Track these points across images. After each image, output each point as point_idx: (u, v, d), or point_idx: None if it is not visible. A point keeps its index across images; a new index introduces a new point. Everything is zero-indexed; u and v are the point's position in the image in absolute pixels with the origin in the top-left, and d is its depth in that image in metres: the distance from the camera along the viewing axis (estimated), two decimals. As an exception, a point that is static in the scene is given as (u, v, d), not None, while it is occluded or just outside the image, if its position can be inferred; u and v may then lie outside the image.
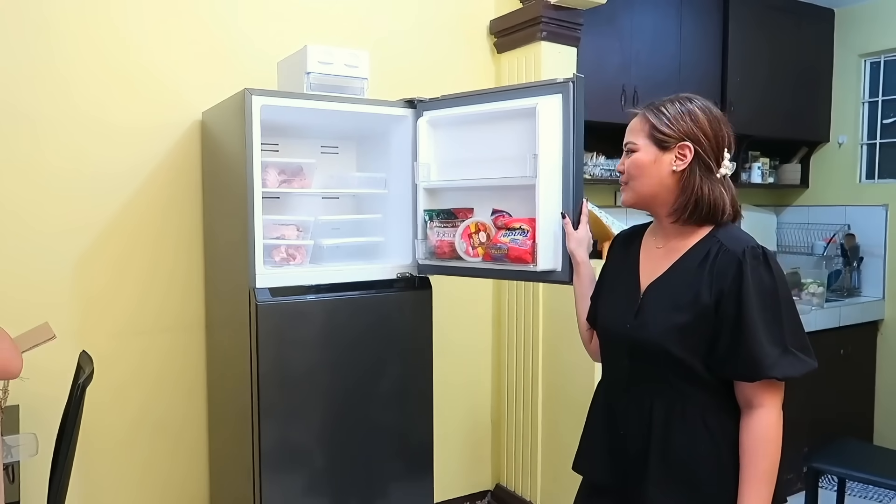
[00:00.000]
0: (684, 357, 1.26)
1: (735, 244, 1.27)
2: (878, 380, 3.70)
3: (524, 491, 2.90)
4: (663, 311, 1.30)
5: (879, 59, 3.76)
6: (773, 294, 1.22)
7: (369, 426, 2.13)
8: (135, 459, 2.36)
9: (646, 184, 1.35)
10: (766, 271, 1.23)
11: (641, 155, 1.35)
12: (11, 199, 2.14)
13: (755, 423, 1.23)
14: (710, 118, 1.32)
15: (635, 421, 1.34)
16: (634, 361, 1.35)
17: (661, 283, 1.34)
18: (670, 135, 1.31)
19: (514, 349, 2.91)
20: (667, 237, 1.38)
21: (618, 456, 1.38)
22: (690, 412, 1.27)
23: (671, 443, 1.28)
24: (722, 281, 1.24)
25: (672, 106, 1.33)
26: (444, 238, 2.06)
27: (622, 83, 3.03)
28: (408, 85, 2.64)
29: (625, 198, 1.40)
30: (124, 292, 2.32)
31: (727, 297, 1.23)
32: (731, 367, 1.23)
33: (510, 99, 1.90)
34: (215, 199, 2.30)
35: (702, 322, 1.25)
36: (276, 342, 1.96)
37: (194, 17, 2.37)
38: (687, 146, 1.30)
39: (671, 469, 1.28)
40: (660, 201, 1.35)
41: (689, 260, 1.31)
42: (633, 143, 1.37)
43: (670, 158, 1.31)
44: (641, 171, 1.35)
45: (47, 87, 2.16)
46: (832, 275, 3.75)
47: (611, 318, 1.42)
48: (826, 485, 3.17)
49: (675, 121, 1.31)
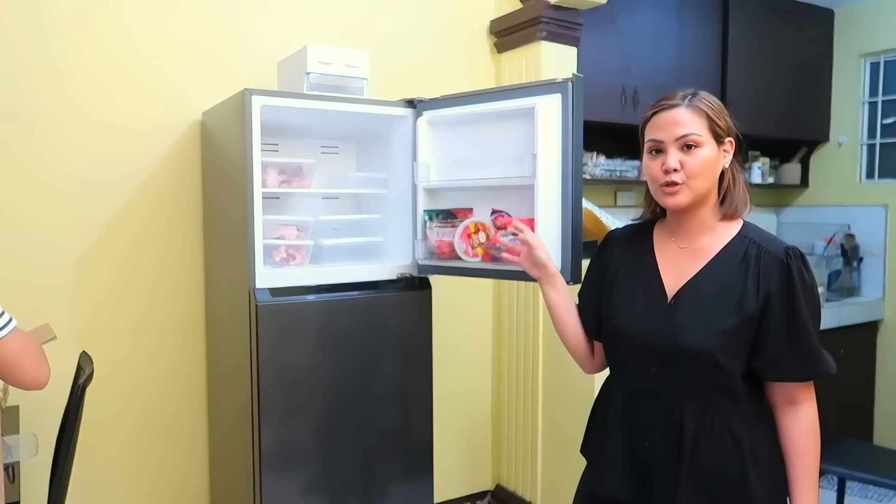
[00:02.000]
0: (726, 362, 1.22)
1: (773, 245, 1.25)
2: (878, 380, 3.70)
3: (524, 491, 2.90)
4: (705, 315, 1.24)
5: (879, 59, 3.76)
6: (815, 295, 1.24)
7: (369, 426, 2.13)
8: (135, 459, 2.36)
9: (707, 182, 1.26)
10: (807, 271, 1.24)
11: (707, 151, 1.24)
12: (11, 200, 2.14)
13: (802, 419, 1.25)
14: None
15: (662, 432, 1.27)
16: (665, 369, 1.27)
17: (696, 286, 1.27)
18: (724, 128, 1.27)
19: (515, 349, 2.91)
20: (689, 236, 1.31)
21: (640, 469, 1.30)
22: (719, 421, 1.24)
23: (700, 454, 1.24)
24: (768, 283, 1.22)
25: (709, 98, 1.28)
26: (444, 238, 2.06)
27: (622, 83, 3.03)
28: (408, 85, 2.64)
29: (681, 199, 1.25)
30: (124, 293, 2.32)
31: (776, 298, 1.21)
32: (784, 369, 1.23)
33: (509, 99, 1.90)
34: (215, 199, 2.30)
35: (747, 325, 1.22)
36: (276, 342, 1.96)
37: (194, 18, 2.37)
38: (731, 141, 1.29)
39: (700, 482, 1.24)
40: (706, 199, 1.29)
41: (725, 261, 1.26)
42: (697, 136, 1.24)
43: (721, 154, 1.28)
44: (707, 168, 1.25)
45: (47, 88, 2.16)
46: (832, 275, 3.75)
47: (633, 325, 1.32)
48: (826, 485, 3.17)
49: (723, 114, 1.28)
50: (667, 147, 1.26)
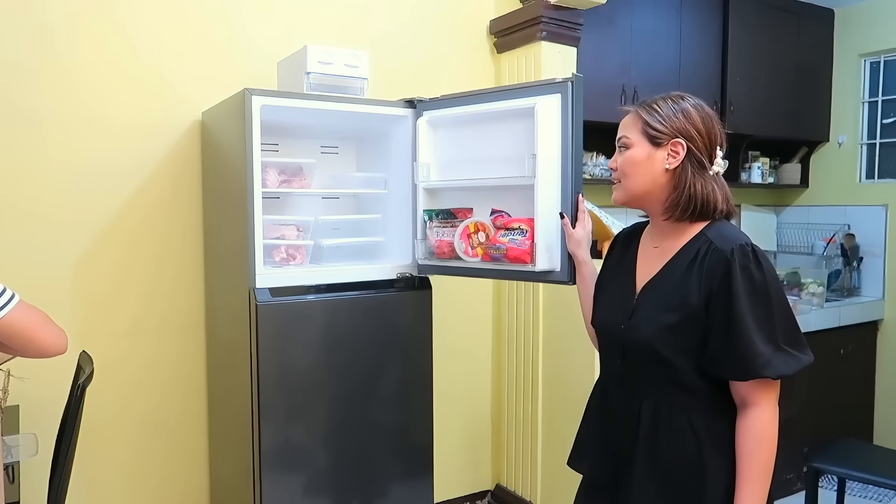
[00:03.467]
0: (673, 358, 1.26)
1: (724, 243, 1.26)
2: (878, 380, 3.70)
3: (524, 491, 2.90)
4: (654, 312, 1.30)
5: (879, 59, 3.76)
6: (764, 292, 1.21)
7: (369, 426, 2.14)
8: (135, 459, 2.36)
9: (639, 181, 1.34)
10: (757, 269, 1.22)
11: (635, 151, 1.33)
12: (11, 199, 2.13)
13: (750, 422, 1.22)
14: (702, 115, 1.32)
15: (625, 421, 1.34)
16: (627, 361, 1.36)
17: (654, 284, 1.34)
18: (663, 131, 1.31)
19: (514, 349, 2.91)
20: (661, 237, 1.37)
21: (609, 454, 1.39)
22: (677, 414, 1.27)
23: (657, 444, 1.29)
24: (711, 280, 1.24)
25: (665, 103, 1.33)
26: (444, 238, 2.06)
27: (622, 83, 3.03)
28: (408, 85, 2.64)
29: (616, 196, 1.39)
30: (124, 292, 2.32)
31: (716, 296, 1.22)
32: (723, 367, 1.23)
33: (509, 99, 1.90)
34: (215, 199, 2.30)
35: (692, 323, 1.25)
36: (276, 342, 1.96)
37: (195, 17, 2.37)
38: (679, 143, 1.30)
39: (656, 471, 1.29)
40: (652, 199, 1.34)
41: (680, 260, 1.31)
42: (627, 138, 1.35)
43: (663, 156, 1.31)
44: (635, 167, 1.33)
45: (51, 84, 2.16)
46: (832, 275, 3.75)
47: (606, 318, 1.42)
48: (826, 485, 3.17)
49: (668, 118, 1.31)
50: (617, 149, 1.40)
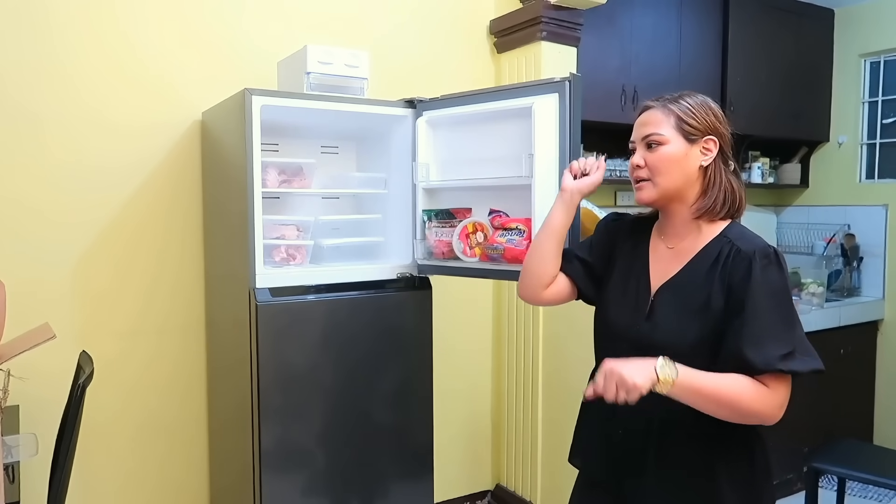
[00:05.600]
0: (694, 359, 1.22)
1: (747, 244, 1.25)
2: (878, 380, 3.70)
3: (524, 491, 2.90)
4: (675, 312, 1.28)
5: (879, 59, 3.76)
6: (784, 295, 1.21)
7: (369, 426, 2.14)
8: (135, 459, 2.37)
9: (673, 179, 1.29)
10: (778, 272, 1.22)
11: (671, 148, 1.29)
12: (11, 199, 2.14)
13: (755, 384, 1.17)
14: (722, 113, 1.32)
15: (635, 420, 1.31)
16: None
17: (673, 285, 1.31)
18: (697, 127, 1.29)
19: (514, 349, 2.91)
20: (677, 238, 1.35)
21: (614, 453, 1.37)
22: (689, 416, 1.25)
23: (668, 445, 1.29)
24: (731, 278, 1.23)
25: (691, 99, 1.31)
26: (443, 238, 2.06)
27: (622, 83, 3.03)
28: (408, 85, 2.64)
29: (644, 195, 1.33)
30: (124, 292, 2.32)
31: (735, 293, 1.21)
32: (739, 361, 1.19)
33: (507, 98, 1.90)
34: (215, 199, 2.31)
35: (714, 323, 1.23)
36: (276, 342, 1.96)
37: (195, 17, 2.37)
38: (712, 140, 1.29)
39: (669, 476, 1.29)
40: (682, 197, 1.31)
41: (702, 261, 1.29)
42: (660, 135, 1.29)
43: (697, 153, 1.29)
44: (671, 165, 1.29)
45: (52, 83, 2.17)
46: (832, 275, 3.75)
47: (619, 318, 1.38)
48: (826, 485, 3.17)
49: (700, 115, 1.29)
50: (636, 146, 1.35)
